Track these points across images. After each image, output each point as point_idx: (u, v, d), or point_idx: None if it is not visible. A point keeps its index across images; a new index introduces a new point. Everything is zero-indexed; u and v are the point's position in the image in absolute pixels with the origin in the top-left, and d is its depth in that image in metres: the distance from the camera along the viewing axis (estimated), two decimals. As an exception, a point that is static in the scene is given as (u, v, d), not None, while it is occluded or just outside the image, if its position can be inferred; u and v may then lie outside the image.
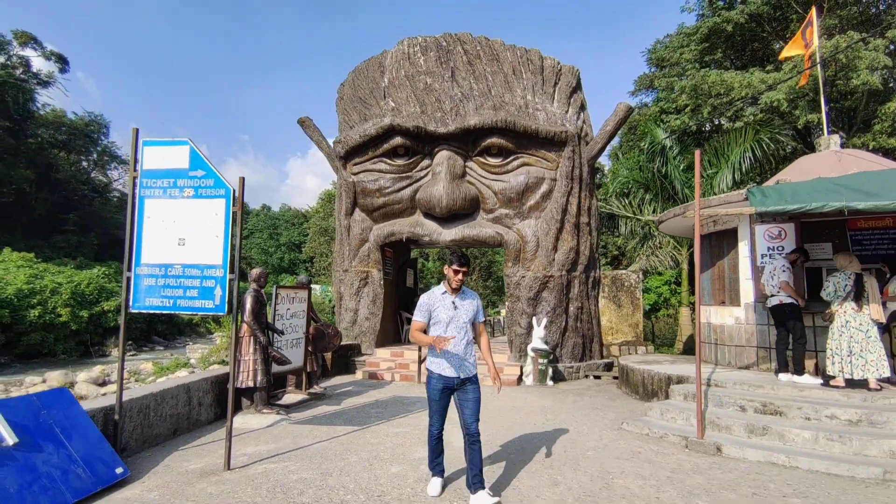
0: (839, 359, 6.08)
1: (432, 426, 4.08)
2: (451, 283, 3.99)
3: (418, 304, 4.08)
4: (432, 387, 4.03)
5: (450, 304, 4.00)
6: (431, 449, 4.13)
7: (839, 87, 15.81)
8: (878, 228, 6.94)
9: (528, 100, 10.72)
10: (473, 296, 4.19)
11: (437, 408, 4.03)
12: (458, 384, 4.00)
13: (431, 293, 4.10)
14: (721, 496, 4.09)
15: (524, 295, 10.09)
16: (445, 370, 3.97)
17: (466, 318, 4.04)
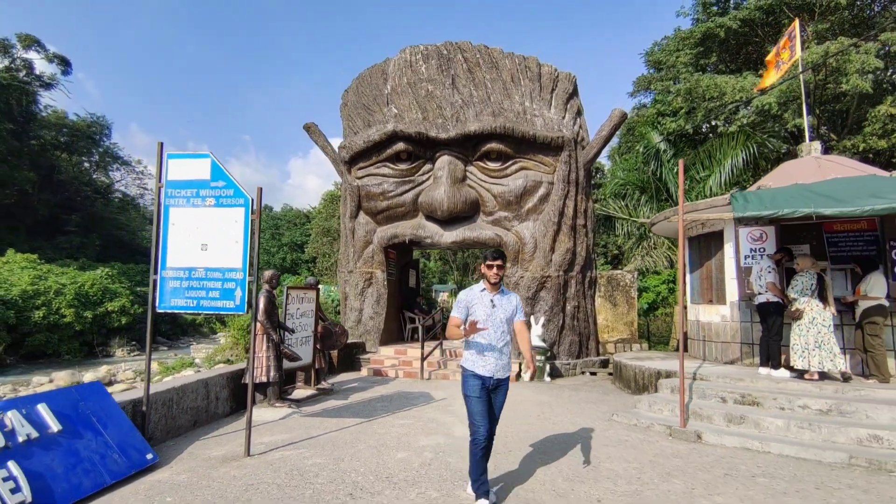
0: (807, 352, 6.50)
1: (477, 431, 3.70)
2: (489, 279, 3.91)
3: (457, 300, 3.98)
4: (470, 385, 3.80)
5: (488, 301, 3.89)
6: (476, 463, 3.73)
7: (830, 91, 16.18)
8: (852, 231, 7.35)
9: (527, 106, 11.13)
10: (513, 295, 4.10)
11: (479, 407, 3.74)
12: (493, 386, 3.85)
13: (471, 290, 3.98)
14: (695, 476, 4.52)
15: (523, 294, 10.50)
16: (480, 369, 3.81)
17: (504, 316, 3.92)
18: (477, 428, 3.69)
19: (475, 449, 3.70)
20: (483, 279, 3.99)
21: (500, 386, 3.90)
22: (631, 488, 4.25)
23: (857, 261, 6.94)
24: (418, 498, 4.02)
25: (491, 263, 3.89)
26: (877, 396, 5.90)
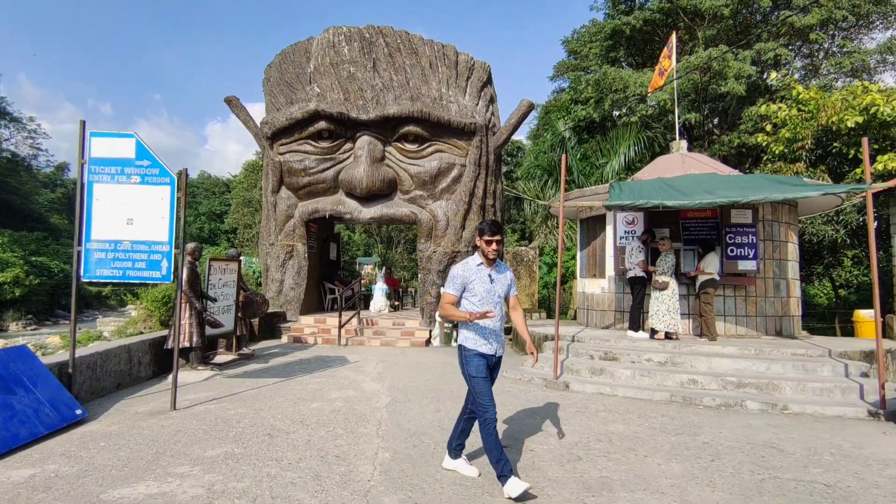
0: (662, 317, 7.98)
1: (487, 411, 3.55)
2: (486, 254, 3.68)
3: (451, 275, 3.75)
4: (475, 365, 3.66)
5: (486, 276, 3.69)
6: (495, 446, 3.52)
7: (713, 91, 18.25)
8: (700, 218, 8.91)
9: (443, 92, 11.92)
10: (507, 269, 3.91)
11: (486, 387, 3.63)
12: (494, 363, 3.77)
13: (466, 264, 3.75)
14: (552, 411, 5.71)
15: (434, 268, 11.49)
16: (482, 346, 3.68)
17: (502, 291, 3.77)
18: (487, 408, 3.55)
19: (489, 429, 3.52)
20: (478, 252, 3.77)
21: (498, 363, 3.82)
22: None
23: (701, 243, 8.48)
24: (327, 434, 4.86)
25: (490, 238, 3.64)
26: (702, 350, 7.44)
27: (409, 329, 11.54)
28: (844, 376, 6.63)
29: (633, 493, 3.62)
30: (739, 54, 17.26)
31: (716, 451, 4.55)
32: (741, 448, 4.63)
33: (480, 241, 3.69)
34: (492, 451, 3.52)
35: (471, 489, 3.63)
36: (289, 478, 3.78)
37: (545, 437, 4.86)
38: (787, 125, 13.50)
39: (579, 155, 16.72)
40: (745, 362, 6.96)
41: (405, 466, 4.04)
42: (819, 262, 13.86)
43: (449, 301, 3.74)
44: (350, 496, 3.49)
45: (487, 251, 3.67)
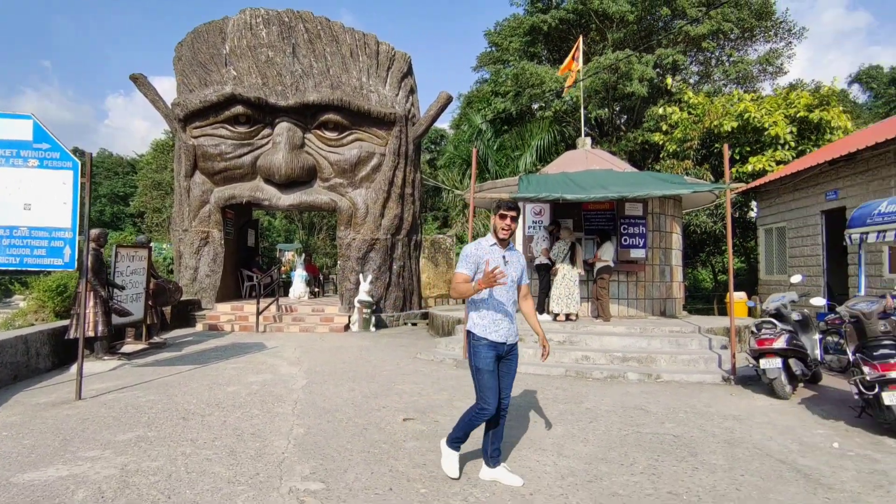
0: (560, 300, 8.78)
1: (487, 405, 3.36)
2: (498, 232, 3.42)
3: (463, 254, 3.47)
4: (483, 356, 3.39)
5: (499, 257, 3.41)
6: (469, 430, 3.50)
7: (620, 91, 19.65)
8: (599, 210, 9.83)
9: (363, 81, 12.06)
10: (520, 254, 3.64)
11: (493, 382, 3.38)
12: (506, 352, 3.48)
13: (478, 244, 3.49)
14: (460, 389, 6.23)
15: (354, 255, 11.71)
16: (493, 334, 3.38)
17: (516, 275, 3.50)
18: (487, 403, 3.35)
19: (477, 420, 3.42)
20: (490, 233, 3.52)
21: (511, 352, 3.52)
22: (411, 399, 5.78)
23: (599, 233, 9.37)
24: (243, 415, 5.06)
25: (505, 213, 3.38)
26: (596, 330, 8.30)
27: (329, 315, 11.71)
28: (708, 349, 7.71)
29: (521, 451, 4.18)
30: (643, 58, 18.70)
31: (595, 414, 5.26)
32: (616, 411, 5.38)
33: (495, 218, 3.43)
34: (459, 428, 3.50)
35: (377, 454, 4.03)
36: (204, 455, 3.99)
37: (450, 410, 5.35)
38: (679, 126, 14.95)
39: (496, 146, 17.48)
40: (631, 339, 7.88)
41: (318, 439, 4.36)
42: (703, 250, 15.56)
43: (461, 280, 3.39)
44: (264, 467, 3.76)
45: (500, 226, 3.39)
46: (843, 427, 4.93)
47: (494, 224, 3.44)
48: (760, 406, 5.67)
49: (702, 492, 3.43)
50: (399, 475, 3.64)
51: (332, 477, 3.59)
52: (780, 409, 5.59)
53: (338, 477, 3.59)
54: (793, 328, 6.27)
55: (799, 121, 13.58)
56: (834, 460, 4.04)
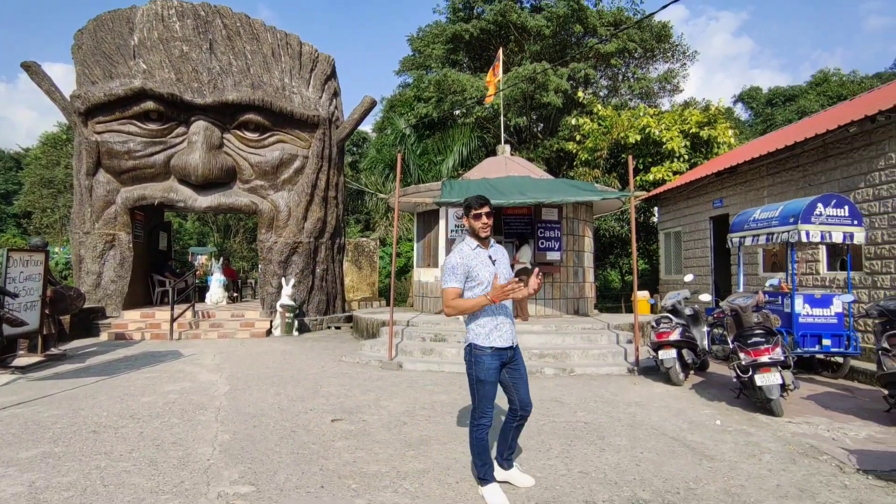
0: (483, 302, 9.16)
1: (486, 416, 3.23)
2: (478, 233, 3.19)
3: (448, 267, 3.22)
4: (486, 366, 3.17)
5: (486, 258, 3.21)
6: (484, 449, 3.27)
7: (537, 100, 20.63)
8: (518, 215, 10.38)
9: (286, 82, 11.85)
10: (502, 247, 3.49)
11: (492, 392, 3.23)
12: (509, 357, 3.29)
13: (460, 251, 3.23)
14: (386, 389, 6.38)
15: (276, 258, 11.46)
16: (497, 341, 3.19)
17: (506, 271, 3.29)
18: (486, 415, 3.23)
19: (481, 441, 3.25)
20: (467, 235, 3.31)
21: (515, 355, 3.33)
22: (338, 401, 5.84)
23: (518, 236, 9.87)
24: (161, 425, 4.89)
25: (479, 212, 3.16)
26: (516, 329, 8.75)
27: (249, 320, 11.37)
28: (616, 344, 8.40)
29: (446, 444, 4.41)
30: (558, 71, 19.78)
31: (515, 407, 5.62)
32: (535, 404, 5.74)
33: (467, 220, 3.22)
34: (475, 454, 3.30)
35: (307, 455, 4.09)
36: (121, 467, 3.85)
37: (377, 409, 5.48)
38: (590, 137, 16.00)
39: (419, 151, 17.75)
40: (548, 337, 8.41)
41: (245, 444, 4.34)
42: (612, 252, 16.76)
43: (453, 295, 3.16)
44: (189, 475, 3.71)
45: (478, 228, 3.17)
46: (725, 407, 5.63)
47: (471, 226, 3.21)
48: (658, 392, 6.32)
49: (607, 469, 3.83)
50: (330, 473, 3.74)
51: (261, 479, 3.62)
52: (675, 394, 6.26)
53: (268, 479, 3.63)
54: (686, 322, 7.03)
55: (692, 136, 15.06)
56: (716, 435, 4.64)
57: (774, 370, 5.20)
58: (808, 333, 6.77)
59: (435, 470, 3.80)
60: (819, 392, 6.32)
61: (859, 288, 7.57)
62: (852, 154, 7.84)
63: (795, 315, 6.78)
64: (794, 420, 5.09)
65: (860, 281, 7.59)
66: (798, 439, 4.52)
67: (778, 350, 5.25)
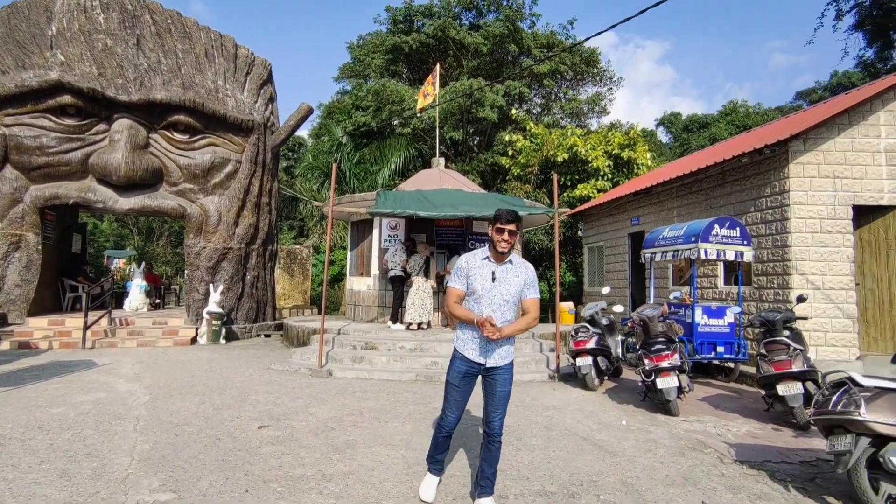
0: (413, 310, 9.40)
1: (445, 418, 3.32)
2: (495, 245, 3.17)
3: (455, 266, 3.32)
4: (454, 368, 3.30)
5: (488, 273, 3.19)
6: (436, 443, 3.43)
7: (474, 115, 21.26)
8: (450, 226, 10.73)
9: (219, 85, 11.60)
10: (525, 267, 3.31)
11: (455, 395, 3.28)
12: (484, 371, 3.26)
13: (472, 255, 3.29)
14: (316, 396, 6.43)
15: (204, 264, 11.12)
16: (469, 351, 3.23)
17: (508, 293, 3.20)
18: (445, 415, 3.32)
19: (438, 434, 3.39)
20: (489, 245, 3.26)
21: (496, 372, 3.25)
22: (266, 408, 5.84)
23: (449, 248, 10.19)
24: (73, 437, 4.71)
25: (503, 227, 3.13)
26: (445, 337, 9.02)
27: (173, 328, 10.93)
28: (539, 352, 8.86)
29: (372, 448, 4.57)
30: (494, 87, 20.51)
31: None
32: (459, 408, 6.03)
33: (492, 230, 3.20)
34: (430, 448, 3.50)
35: (232, 462, 4.12)
36: (31, 478, 3.72)
37: (305, 416, 5.54)
38: (522, 153, 16.71)
39: (355, 160, 17.79)
40: (475, 344, 8.73)
41: (166, 453, 4.29)
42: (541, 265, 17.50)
43: (454, 297, 3.26)
44: (105, 485, 3.65)
45: (496, 240, 3.15)
46: (632, 409, 6.16)
47: (492, 236, 3.19)
48: (575, 397, 6.78)
49: (521, 466, 4.15)
50: (255, 478, 3.80)
51: (183, 487, 3.63)
52: (589, 398, 6.74)
53: (190, 486, 3.64)
54: (602, 332, 7.57)
55: (614, 157, 16.12)
56: (621, 434, 5.10)
57: (673, 374, 5.77)
58: (705, 341, 7.50)
59: (360, 472, 3.96)
60: (712, 394, 7.03)
61: (749, 301, 8.48)
62: (744, 181, 8.80)
63: (695, 325, 7.50)
64: (688, 419, 5.68)
65: (749, 294, 8.50)
66: (689, 435, 5.06)
67: (676, 356, 5.83)
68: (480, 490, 3.28)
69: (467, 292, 3.24)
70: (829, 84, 28.14)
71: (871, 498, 3.25)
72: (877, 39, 18.85)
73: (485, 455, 3.27)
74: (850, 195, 7.91)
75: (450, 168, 14.60)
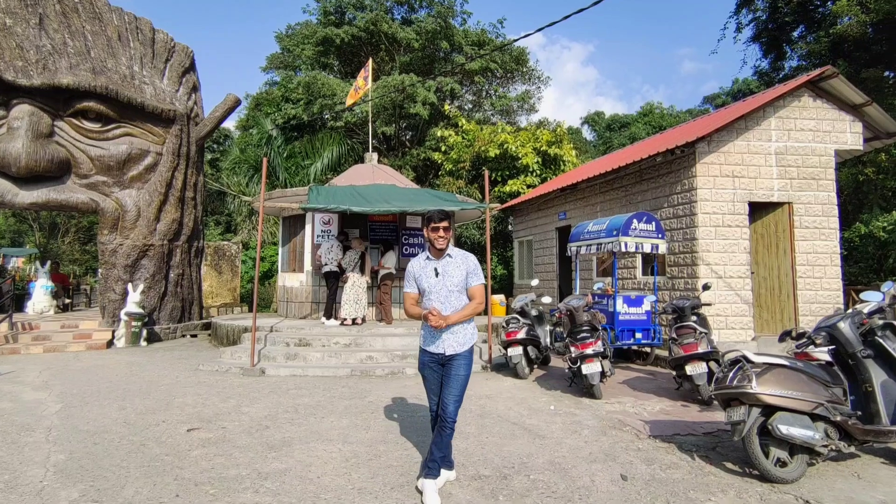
0: (348, 306, 9.36)
1: (429, 405, 3.71)
2: (433, 243, 3.47)
3: (406, 273, 3.64)
4: (420, 361, 3.66)
5: (431, 270, 3.48)
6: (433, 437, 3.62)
7: (406, 110, 21.27)
8: (384, 222, 10.75)
9: (135, 71, 10.91)
10: (464, 257, 3.55)
11: (427, 384, 3.66)
12: (446, 360, 3.51)
13: (416, 259, 3.60)
14: (248, 395, 6.29)
15: (121, 262, 10.46)
16: (430, 346, 3.54)
17: (452, 284, 3.46)
18: (429, 401, 3.67)
19: (433, 422, 3.63)
20: (428, 246, 3.57)
21: (452, 360, 3.49)
22: (194, 410, 5.65)
23: (383, 243, 10.21)
24: (-23, 450, 4.36)
25: (437, 226, 3.42)
26: (379, 332, 9.07)
27: (85, 331, 10.20)
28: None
29: (308, 444, 4.57)
30: (426, 83, 20.59)
31: (377, 406, 5.91)
32: (395, 402, 6.13)
33: (427, 231, 3.49)
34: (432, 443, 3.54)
35: (159, 467, 3.99)
36: (-71, 497, 3.43)
37: (237, 416, 5.43)
38: (454, 149, 16.95)
39: (286, 154, 17.28)
40: (410, 339, 8.83)
41: (85, 463, 4.08)
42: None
43: (410, 300, 3.60)
44: (19, 498, 3.43)
45: (434, 239, 3.44)
46: (559, 394, 6.52)
47: (428, 236, 3.49)
48: (507, 386, 7.06)
49: (457, 453, 4.29)
50: (186, 482, 3.71)
51: (106, 496, 3.49)
52: (521, 386, 7.05)
53: (114, 494, 3.51)
54: (531, 322, 7.91)
55: (542, 153, 16.73)
56: (549, 418, 5.41)
57: (596, 360, 6.17)
58: (625, 329, 8.05)
59: (297, 468, 3.97)
60: (631, 377, 7.57)
61: (663, 290, 9.17)
62: (659, 179, 9.49)
63: (616, 313, 8.02)
64: (609, 401, 6.10)
65: (664, 284, 9.20)
66: (610, 416, 5.45)
67: (599, 343, 6.23)
68: (427, 472, 3.42)
69: (420, 293, 3.54)
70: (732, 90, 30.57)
71: (761, 461, 3.68)
72: (771, 51, 20.73)
73: (435, 439, 3.46)
74: (747, 192, 8.75)
75: (383, 163, 14.58)
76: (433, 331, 3.47)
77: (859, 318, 4.07)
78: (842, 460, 4.15)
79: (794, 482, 3.67)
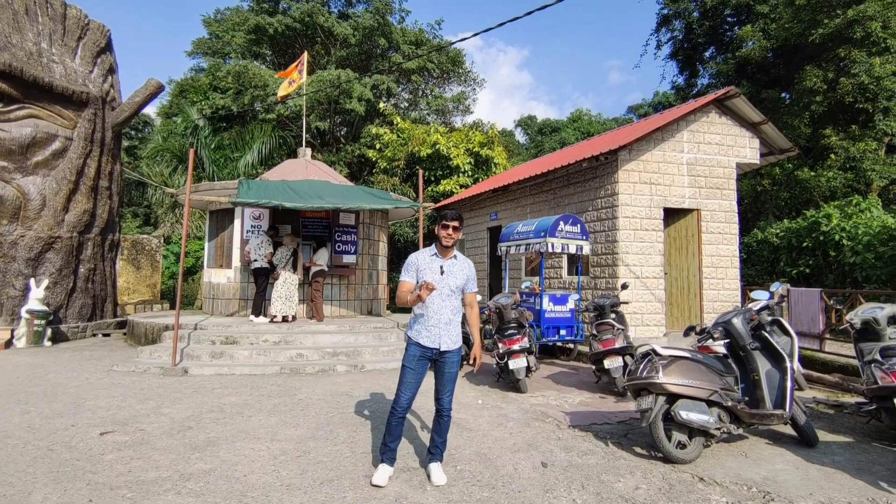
0: (279, 303, 9.17)
1: (399, 399, 3.63)
2: (441, 240, 3.62)
3: (406, 262, 3.71)
4: (409, 353, 3.66)
5: (437, 267, 3.61)
6: (389, 428, 3.66)
7: (342, 105, 20.97)
8: (316, 218, 10.59)
9: (43, 48, 10.09)
10: (467, 262, 3.78)
11: (409, 378, 3.63)
12: (437, 356, 3.65)
13: (421, 252, 3.72)
14: (169, 396, 6.04)
15: (22, 255, 9.63)
16: (424, 339, 3.61)
17: (455, 285, 3.64)
18: (398, 397, 3.62)
19: (392, 418, 3.64)
20: (435, 242, 3.72)
21: (446, 356, 3.66)
22: (108, 413, 5.35)
23: (316, 239, 10.08)
24: None
25: (448, 223, 3.59)
26: (310, 329, 8.96)
27: (-20, 330, 9.30)
28: (404, 341, 9.19)
29: (235, 443, 4.48)
30: (363, 80, 20.40)
31: (307, 404, 5.87)
32: (326, 399, 6.11)
33: (438, 228, 3.65)
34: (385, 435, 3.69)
35: (70, 472, 3.78)
36: None
37: (157, 417, 5.21)
38: (389, 147, 16.94)
39: (214, 145, 16.53)
40: (341, 336, 8.80)
41: (-16, 470, 3.79)
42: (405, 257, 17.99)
43: (405, 289, 3.64)
44: None
45: (443, 237, 3.60)
46: (487, 389, 6.76)
47: (438, 233, 3.65)
48: (437, 381, 7.21)
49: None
50: (100, 486, 3.56)
51: (12, 503, 3.28)
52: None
53: (20, 501, 3.30)
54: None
55: (475, 154, 17.10)
56: (477, 412, 5.61)
57: (523, 356, 6.46)
58: (551, 326, 8.45)
59: (222, 468, 3.90)
60: (555, 372, 7.97)
61: (587, 289, 9.71)
62: (585, 183, 10.03)
63: (542, 311, 8.40)
64: (534, 395, 6.41)
65: (587, 283, 9.74)
66: (534, 408, 5.74)
67: (525, 340, 6.53)
68: (431, 457, 3.78)
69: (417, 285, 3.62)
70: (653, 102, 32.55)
71: (664, 444, 4.05)
72: (686, 68, 22.39)
73: (435, 427, 3.78)
74: (662, 199, 9.45)
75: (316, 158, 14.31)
76: (430, 325, 3.60)
77: (749, 314, 4.56)
78: (732, 441, 4.64)
79: (691, 462, 4.07)
